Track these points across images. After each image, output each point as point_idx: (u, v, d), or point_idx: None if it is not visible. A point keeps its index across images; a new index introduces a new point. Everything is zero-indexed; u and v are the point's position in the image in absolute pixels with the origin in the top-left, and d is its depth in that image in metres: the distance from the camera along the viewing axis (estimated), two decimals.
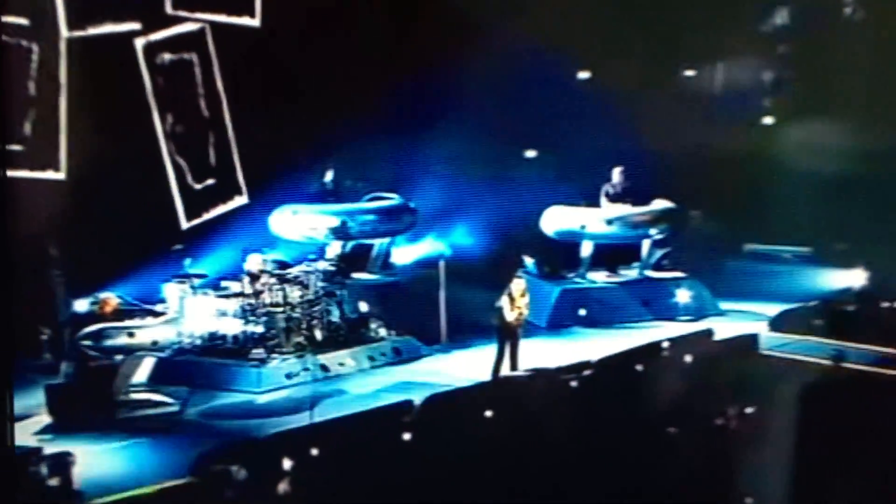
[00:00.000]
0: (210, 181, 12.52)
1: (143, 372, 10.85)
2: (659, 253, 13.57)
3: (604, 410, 10.04)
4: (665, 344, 10.97)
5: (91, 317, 10.53)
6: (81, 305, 10.73)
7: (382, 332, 12.06)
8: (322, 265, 12.10)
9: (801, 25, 13.32)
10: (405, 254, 13.27)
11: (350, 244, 12.85)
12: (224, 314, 11.40)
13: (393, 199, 12.92)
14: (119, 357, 10.48)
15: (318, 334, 11.65)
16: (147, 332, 10.61)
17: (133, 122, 11.78)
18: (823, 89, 12.72)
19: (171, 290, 11.36)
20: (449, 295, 12.29)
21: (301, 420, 9.86)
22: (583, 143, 13.19)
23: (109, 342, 10.43)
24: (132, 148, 11.69)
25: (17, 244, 9.34)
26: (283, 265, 12.06)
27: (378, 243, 13.13)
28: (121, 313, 10.57)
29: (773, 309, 12.04)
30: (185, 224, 12.37)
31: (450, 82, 12.67)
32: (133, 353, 10.60)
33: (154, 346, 10.66)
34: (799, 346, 11.18)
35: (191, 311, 11.29)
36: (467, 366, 11.64)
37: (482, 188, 13.31)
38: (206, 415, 10.51)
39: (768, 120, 13.60)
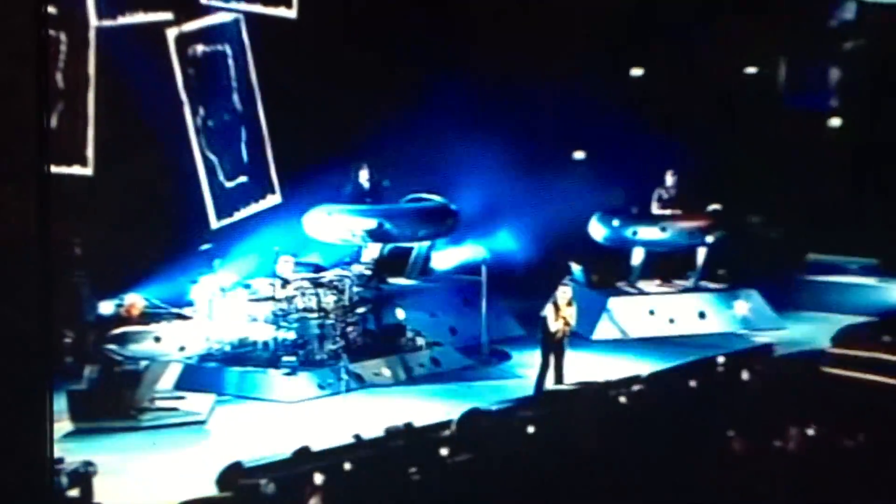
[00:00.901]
0: (242, 179, 12.57)
1: (168, 378, 10.87)
2: (715, 261, 13.44)
3: (654, 429, 9.79)
4: (721, 359, 10.67)
5: (116, 319, 10.45)
6: (106, 308, 10.71)
7: (420, 341, 12.04)
8: (358, 269, 12.11)
9: (871, 23, 13.37)
10: (445, 258, 13.29)
11: (387, 247, 12.90)
12: (255, 319, 11.40)
13: (434, 200, 12.95)
14: (144, 362, 10.44)
15: (353, 342, 11.62)
16: (174, 336, 10.43)
17: (163, 117, 11.77)
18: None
19: (200, 293, 11.40)
20: (491, 303, 12.26)
21: (336, 431, 9.67)
22: (634, 145, 13.16)
23: (134, 346, 10.32)
24: (162, 143, 11.68)
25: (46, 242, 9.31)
26: (317, 269, 12.07)
27: (417, 247, 13.17)
28: (147, 316, 10.47)
29: (838, 323, 11.95)
30: (215, 223, 12.48)
31: (495, 79, 12.75)
32: (159, 358, 10.52)
33: (181, 352, 10.52)
34: (865, 363, 10.84)
35: (220, 315, 11.28)
36: (509, 379, 11.59)
37: (527, 190, 13.35)
38: (235, 425, 10.48)
39: (835, 122, 13.66)
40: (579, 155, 14.12)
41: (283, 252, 11.70)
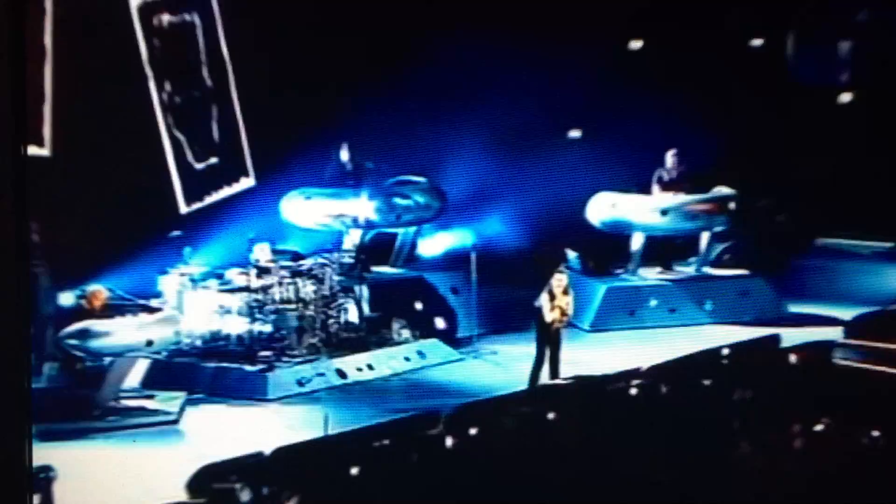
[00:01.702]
0: (213, 160, 12.49)
1: (135, 376, 10.80)
2: (719, 247, 13.42)
3: (655, 426, 9.85)
4: (725, 351, 10.80)
5: (77, 312, 10.38)
6: (66, 299, 10.67)
7: (406, 333, 11.97)
8: (339, 257, 12.03)
9: None
10: (432, 245, 13.21)
11: (371, 233, 12.80)
12: (228, 311, 11.30)
13: (420, 183, 12.85)
14: (108, 359, 10.34)
15: (334, 335, 11.55)
16: (140, 330, 10.40)
17: (127, 93, 11.67)
18: None
19: (169, 283, 11.34)
20: (481, 292, 12.23)
21: (314, 432, 9.72)
22: (634, 122, 13.00)
23: (97, 341, 10.27)
24: (125, 121, 11.57)
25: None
26: (295, 257, 11.95)
27: (402, 233, 13.04)
28: (111, 309, 10.40)
29: (849, 312, 11.79)
30: (184, 208, 12.33)
31: (485, 50, 12.57)
32: (125, 354, 10.45)
33: (148, 347, 10.49)
34: (880, 355, 10.93)
35: (190, 307, 11.21)
36: (500, 372, 11.53)
37: (520, 171, 13.23)
38: (207, 425, 10.42)
39: (846, 97, 13.47)
40: (575, 133, 13.86)
41: (258, 239, 11.60)
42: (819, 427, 9.85)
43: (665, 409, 10.09)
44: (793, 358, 11.05)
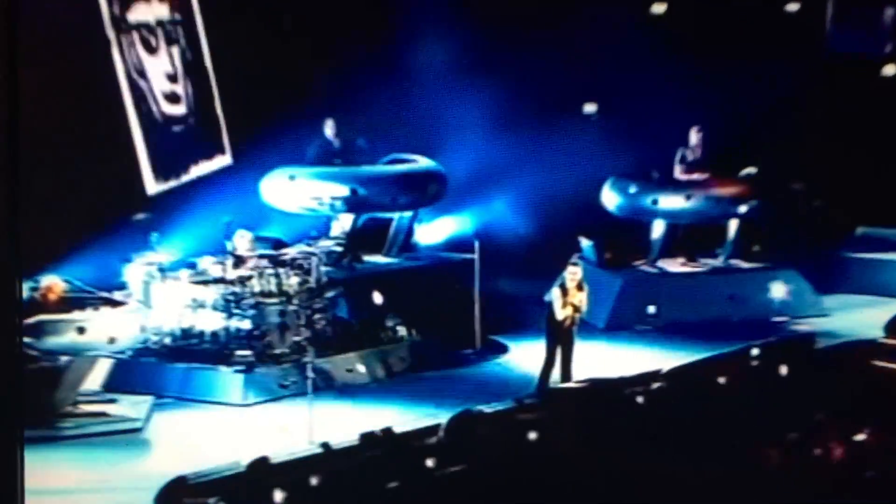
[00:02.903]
0: (185, 136, 12.43)
1: (96, 377, 10.70)
2: (749, 236, 13.30)
3: (676, 433, 9.70)
4: (755, 351, 10.58)
5: (31, 306, 10.09)
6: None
7: (401, 331, 11.85)
8: (326, 245, 12.02)
9: None
10: (431, 232, 13.21)
11: (362, 219, 12.75)
12: (201, 305, 11.14)
13: (416, 162, 12.65)
14: (66, 358, 10.18)
15: (321, 333, 11.37)
16: (102, 326, 10.21)
17: (88, 58, 11.56)
18: None
19: (134, 274, 11.14)
20: (485, 285, 12.19)
21: (298, 440, 9.56)
22: (654, 95, 12.98)
23: (53, 339, 10.14)
24: (84, 91, 11.41)
25: None
26: (277, 244, 11.86)
27: (397, 218, 13.02)
28: (68, 302, 10.25)
29: (892, 309, 11.74)
30: (151, 188, 12.32)
31: (489, 11, 12.48)
32: (84, 353, 10.29)
33: (111, 345, 10.31)
34: None
35: (158, 301, 11.17)
36: (506, 375, 11.47)
37: (528, 150, 13.24)
38: (177, 433, 10.22)
39: (891, 69, 13.49)
40: (590, 108, 13.83)
41: (235, 224, 11.44)
42: (860, 436, 9.71)
43: (688, 415, 9.93)
44: (829, 359, 10.94)
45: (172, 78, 12.36)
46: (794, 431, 9.78)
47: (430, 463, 8.85)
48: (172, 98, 12.39)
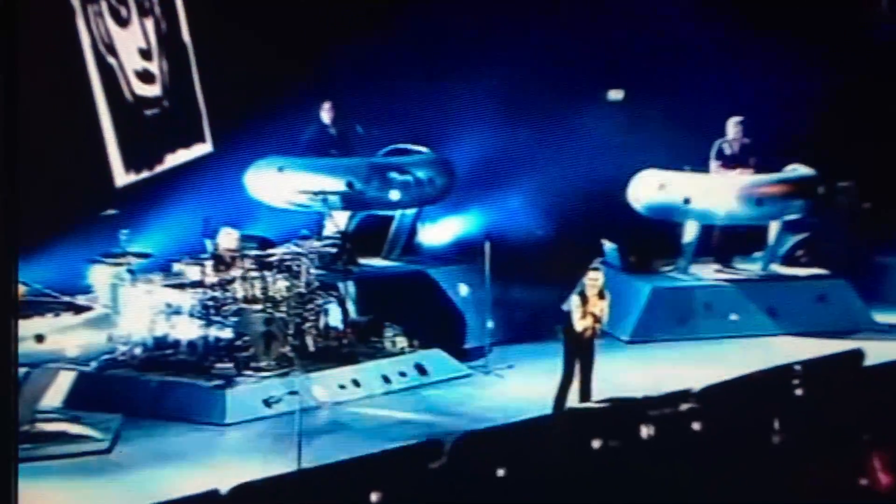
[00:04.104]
0: (159, 120, 12.37)
1: (56, 392, 10.63)
2: (792, 240, 13.31)
3: (708, 460, 9.39)
4: (797, 368, 10.23)
5: None
6: None
7: (401, 342, 11.75)
8: (318, 245, 11.84)
9: None
10: (436, 232, 13.15)
11: (359, 216, 12.78)
12: (177, 312, 11.01)
13: (421, 154, 12.67)
14: (22, 370, 9.82)
15: (311, 343, 11.31)
16: (64, 334, 10.00)
17: (48, 30, 11.43)
18: None
19: (101, 276, 11.13)
20: (496, 292, 12.09)
21: (285, 465, 9.40)
22: (688, 80, 12.92)
23: None
24: (46, 68, 11.30)
25: None
26: (263, 244, 11.78)
27: (398, 216, 12.99)
28: (25, 307, 10.01)
29: None
30: (121, 180, 12.24)
31: None
32: (42, 364, 10.09)
33: (74, 356, 10.06)
34: None
35: (129, 306, 11.07)
36: (518, 392, 11.33)
37: (545, 141, 13.16)
38: (148, 455, 10.01)
39: None
40: (615, 94, 13.78)
41: (215, 221, 11.32)
42: None
43: (722, 440, 9.56)
44: (879, 378, 10.58)
45: (146, 54, 12.28)
46: (840, 456, 9.47)
47: (432, 489, 8.41)
48: (145, 77, 12.31)
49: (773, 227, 12.96)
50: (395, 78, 12.81)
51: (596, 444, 9.30)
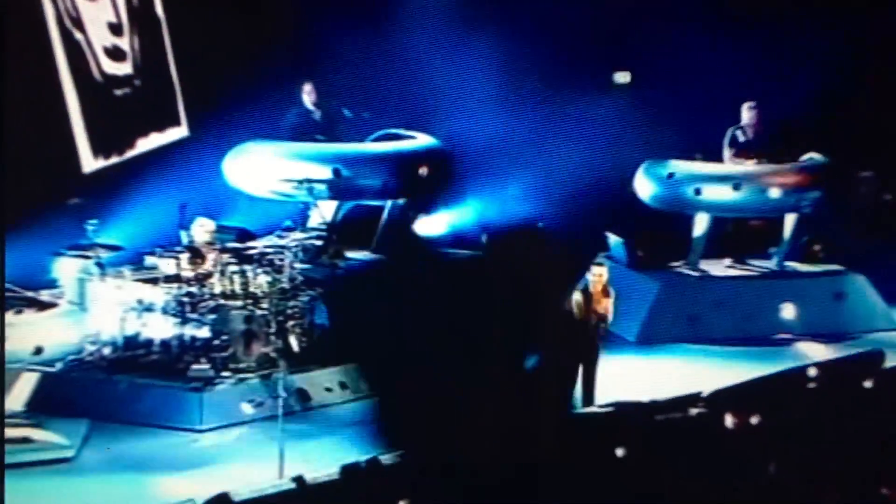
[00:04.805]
0: (130, 101, 12.34)
1: (18, 395, 10.58)
2: (808, 234, 13.14)
3: (719, 467, 9.40)
4: (812, 372, 10.31)
5: None
6: None
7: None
8: (303, 238, 11.75)
9: None
10: (430, 224, 13.15)
11: (346, 206, 12.76)
12: (149, 308, 10.97)
13: (414, 140, 12.71)
14: None
15: (295, 343, 11.11)
16: (26, 332, 10.09)
17: (11, 7, 11.18)
18: None
19: (67, 269, 11.06)
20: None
21: (267, 474, 9.41)
22: (699, 62, 12.93)
23: None
24: (7, 46, 11.05)
25: None
26: (242, 236, 11.69)
27: (389, 207, 12.96)
28: None
29: None
30: (89, 166, 12.18)
31: None
32: (3, 365, 9.75)
33: (37, 356, 10.21)
34: None
35: (96, 303, 10.98)
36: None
37: (547, 127, 13.21)
38: (118, 463, 9.88)
39: None
40: (622, 77, 13.75)
41: (191, 210, 11.23)
42: None
43: (734, 446, 9.61)
44: None
45: (116, 29, 12.20)
46: (858, 464, 9.46)
47: (426, 501, 8.55)
48: (115, 54, 12.24)
49: (789, 220, 12.83)
50: (385, 57, 12.80)
51: (600, 450, 9.23)
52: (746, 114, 12.82)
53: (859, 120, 13.11)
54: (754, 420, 9.94)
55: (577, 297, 10.51)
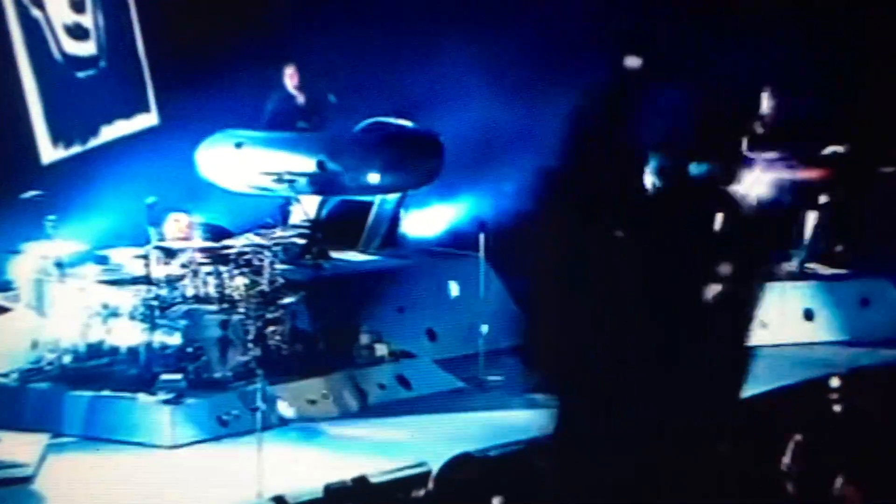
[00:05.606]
0: (94, 85, 12.20)
1: None
2: (831, 233, 12.93)
3: (734, 483, 8.26)
4: (835, 382, 9.80)
5: None
6: None
7: (381, 349, 11.56)
8: (284, 236, 11.76)
9: None
10: (422, 221, 13.16)
11: (331, 202, 12.70)
12: (114, 313, 10.84)
13: (405, 128, 12.76)
14: None
15: (274, 351, 11.01)
16: None
17: None
18: None
19: (23, 270, 10.97)
20: (491, 290, 11.83)
21: (244, 493, 9.34)
22: (712, 46, 12.17)
23: None
24: None
25: None
26: (217, 234, 11.55)
27: (378, 202, 12.90)
28: None
29: None
30: (48, 156, 12.02)
31: None
32: None
33: None
34: None
35: (56, 306, 10.89)
36: (515, 408, 10.80)
37: (549, 115, 12.52)
38: (81, 483, 9.66)
39: None
40: (631, 62, 13.08)
41: (161, 205, 11.05)
42: None
43: (750, 460, 8.37)
44: None
45: (78, 5, 12.06)
46: (881, 481, 8.62)
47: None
48: (78, 32, 12.11)
49: (810, 217, 12.67)
50: (374, 40, 12.68)
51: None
52: (765, 102, 12.59)
53: (885, 114, 12.85)
54: (772, 433, 9.78)
55: None
